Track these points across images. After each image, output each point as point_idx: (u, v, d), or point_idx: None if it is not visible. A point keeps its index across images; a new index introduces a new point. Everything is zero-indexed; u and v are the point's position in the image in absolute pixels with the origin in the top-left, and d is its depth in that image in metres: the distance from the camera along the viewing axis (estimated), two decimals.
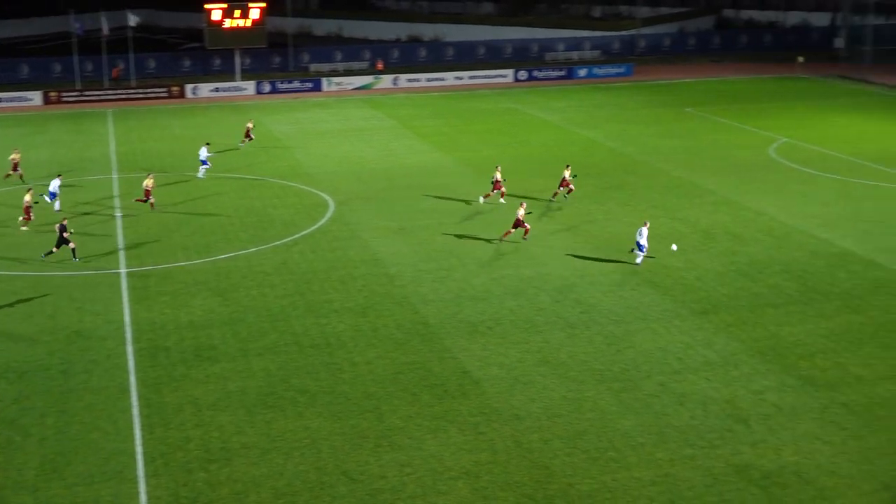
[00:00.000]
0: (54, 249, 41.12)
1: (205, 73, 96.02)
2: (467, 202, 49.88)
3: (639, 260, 40.42)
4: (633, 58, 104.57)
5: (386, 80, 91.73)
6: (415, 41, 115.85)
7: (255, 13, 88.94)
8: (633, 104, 79.84)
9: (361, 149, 63.70)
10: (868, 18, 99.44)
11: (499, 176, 49.55)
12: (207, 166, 56.06)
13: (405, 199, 50.99)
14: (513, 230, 43.36)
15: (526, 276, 39.33)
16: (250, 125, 65.46)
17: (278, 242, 44.07)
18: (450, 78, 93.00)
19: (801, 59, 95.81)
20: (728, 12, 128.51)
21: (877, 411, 28.00)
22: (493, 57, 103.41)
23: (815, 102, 78.63)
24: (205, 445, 26.58)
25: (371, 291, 37.92)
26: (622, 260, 40.90)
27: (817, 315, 34.96)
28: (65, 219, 42.62)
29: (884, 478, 24.67)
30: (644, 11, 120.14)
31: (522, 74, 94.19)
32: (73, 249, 41.26)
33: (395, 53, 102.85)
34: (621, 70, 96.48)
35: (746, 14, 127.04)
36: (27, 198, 45.82)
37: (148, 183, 49.27)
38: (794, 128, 67.99)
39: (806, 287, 37.68)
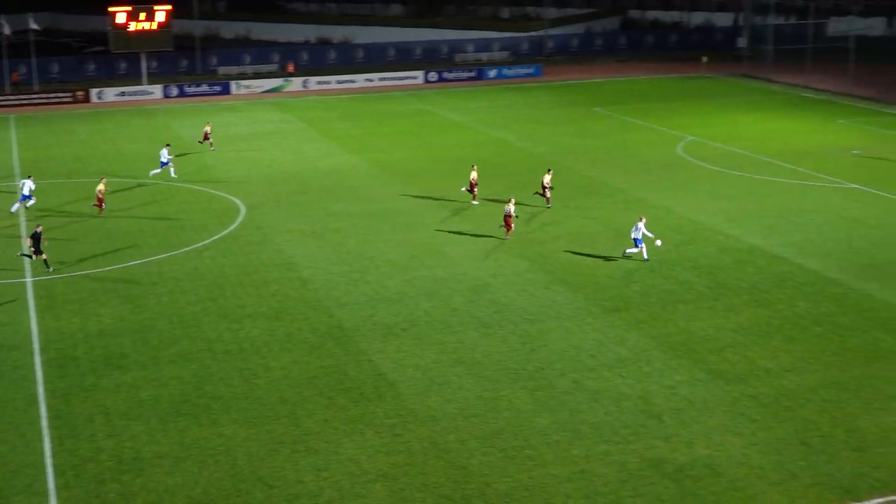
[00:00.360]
0: (38, 256, 40.30)
1: (110, 77, 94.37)
2: (386, 204, 49.85)
3: (644, 254, 40.90)
4: (541, 58, 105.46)
5: (296, 83, 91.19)
6: (324, 43, 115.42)
7: (160, 16, 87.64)
8: (543, 104, 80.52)
9: (272, 152, 63.23)
10: (769, 18, 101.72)
11: (475, 175, 49.75)
12: (168, 166, 55.84)
13: (317, 202, 50.75)
14: (510, 227, 43.89)
15: (440, 276, 39.42)
16: (208, 128, 64.82)
17: (189, 248, 43.52)
18: (360, 80, 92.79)
19: (705, 58, 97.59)
20: (634, 13, 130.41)
21: (784, 402, 28.64)
22: (402, 58, 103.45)
23: (719, 101, 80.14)
24: (117, 456, 26.14)
25: (284, 296, 37.65)
26: (536, 259, 41.21)
27: (726, 310, 35.63)
28: (39, 226, 41.64)
29: (791, 467, 25.23)
30: (551, 12, 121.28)
31: (433, 76, 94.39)
32: (32, 257, 40.57)
33: (305, 56, 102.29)
34: (531, 70, 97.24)
35: (652, 14, 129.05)
36: None
37: (100, 188, 48.75)
38: (701, 126, 69.21)
39: (715, 282, 38.38)
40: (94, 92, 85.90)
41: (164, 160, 55.96)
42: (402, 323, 34.85)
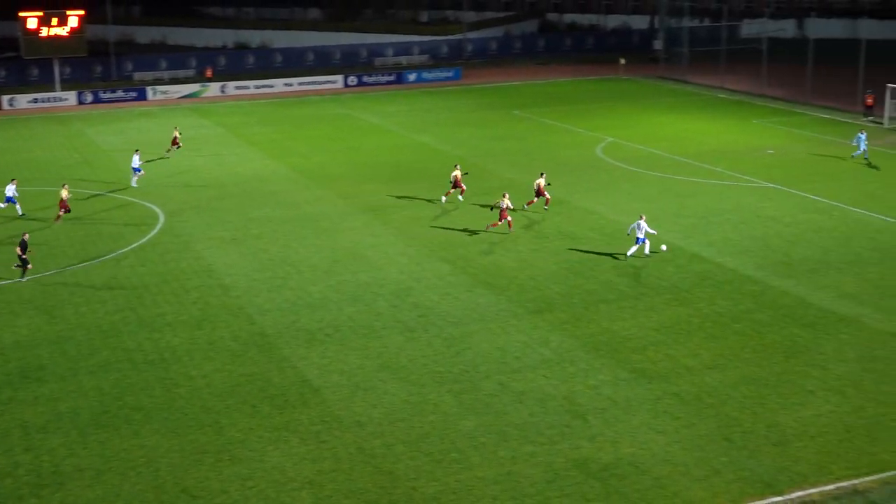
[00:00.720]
0: (30, 266, 39.90)
1: (22, 84, 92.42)
2: (313, 209, 49.57)
3: (645, 250, 41.45)
4: (460, 62, 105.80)
5: (214, 88, 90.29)
6: (242, 48, 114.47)
7: (73, 21, 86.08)
8: (463, 107, 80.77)
9: (190, 158, 62.48)
10: (684, 21, 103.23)
11: (458, 174, 50.05)
12: (141, 174, 55.07)
13: (237, 208, 50.27)
14: (499, 222, 44.65)
15: (363, 281, 39.29)
16: (177, 133, 64.01)
17: (107, 257, 42.80)
18: (279, 84, 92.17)
19: (622, 60, 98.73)
20: (551, 16, 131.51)
21: (706, 399, 29.04)
22: (322, 63, 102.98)
23: (637, 103, 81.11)
24: (35, 470, 25.57)
25: (205, 303, 37.20)
26: (458, 262, 41.29)
27: (648, 309, 36.04)
28: (26, 233, 40.91)
29: (714, 463, 25.59)
30: (470, 16, 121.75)
31: (352, 80, 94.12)
32: (24, 269, 39.83)
33: (222, 60, 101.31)
34: (450, 74, 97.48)
35: (569, 17, 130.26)
36: None
37: (63, 194, 48.18)
38: (619, 128, 69.98)
39: (636, 282, 38.80)
40: (5, 99, 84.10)
41: (136, 166, 55.16)
42: (325, 328, 34.65)
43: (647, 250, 41.61)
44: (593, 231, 45.40)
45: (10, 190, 49.47)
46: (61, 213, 48.07)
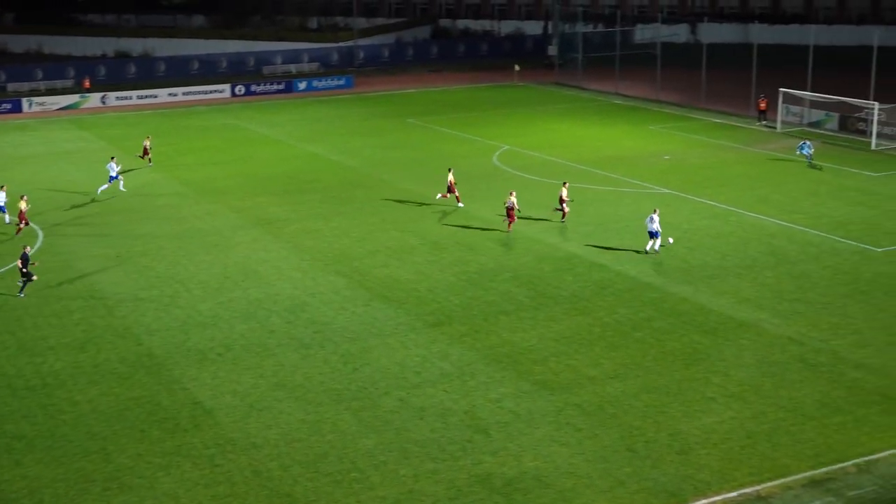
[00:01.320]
0: (34, 277, 39.63)
1: None
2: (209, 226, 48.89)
3: (656, 247, 42.74)
4: (352, 69, 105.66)
5: (94, 99, 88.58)
6: (123, 57, 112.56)
7: None
8: (356, 116, 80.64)
9: (70, 172, 61.17)
10: (577, 26, 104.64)
11: (452, 178, 51.30)
12: (117, 180, 54.76)
13: (122, 224, 49.35)
14: (513, 219, 46.67)
15: (255, 298, 38.90)
16: (147, 143, 63.16)
17: None
18: (163, 94, 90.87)
19: (517, 67, 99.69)
20: (444, 22, 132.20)
21: (608, 409, 29.41)
22: (208, 72, 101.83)
23: (533, 109, 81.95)
24: None
25: (90, 325, 36.41)
26: (353, 275, 41.16)
27: (548, 319, 36.37)
28: (26, 246, 40.26)
29: (618, 474, 25.91)
30: (361, 22, 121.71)
31: (240, 89, 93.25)
32: (25, 283, 39.40)
33: (102, 70, 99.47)
34: (341, 82, 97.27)
35: (462, 23, 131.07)
36: None
37: (22, 205, 47.77)
38: (515, 135, 70.58)
39: (536, 292, 39.14)
40: None
41: (113, 174, 54.40)
42: (217, 348, 34.20)
43: (657, 246, 43.09)
44: (491, 241, 45.67)
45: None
46: (21, 226, 47.37)
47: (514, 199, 46.76)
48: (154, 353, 33.77)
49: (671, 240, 43.72)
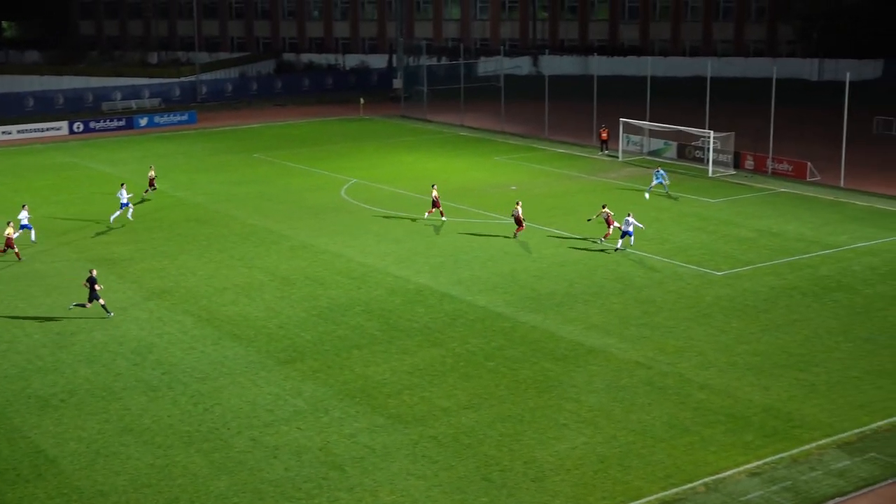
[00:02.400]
0: (95, 302, 40.06)
1: None
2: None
3: (629, 243, 48.13)
4: (195, 104, 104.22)
5: None
6: None
7: None
8: (200, 152, 79.52)
9: None
10: (421, 59, 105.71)
11: (436, 194, 54.71)
12: (127, 207, 55.01)
13: None
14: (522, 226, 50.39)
15: (99, 340, 37.84)
16: (152, 174, 62.16)
17: None
18: None
19: (363, 100, 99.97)
20: (288, 56, 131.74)
21: (463, 440, 29.55)
22: (43, 109, 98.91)
23: (380, 143, 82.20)
24: None
25: None
26: (201, 314, 40.46)
27: (401, 352, 36.39)
28: (93, 270, 40.68)
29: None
30: (203, 57, 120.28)
31: (78, 126, 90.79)
32: (104, 305, 40.39)
33: None
34: (184, 118, 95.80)
35: (306, 57, 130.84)
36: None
37: (9, 231, 48.37)
38: (363, 168, 70.65)
39: (388, 325, 39.13)
40: None
41: (125, 201, 53.66)
42: (59, 393, 33.10)
43: (632, 241, 46.31)
44: (341, 275, 45.53)
45: (24, 216, 51.43)
46: (17, 250, 48.43)
47: (520, 208, 50.87)
48: None
49: (642, 226, 49.17)
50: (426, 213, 55.02)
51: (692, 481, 27.09)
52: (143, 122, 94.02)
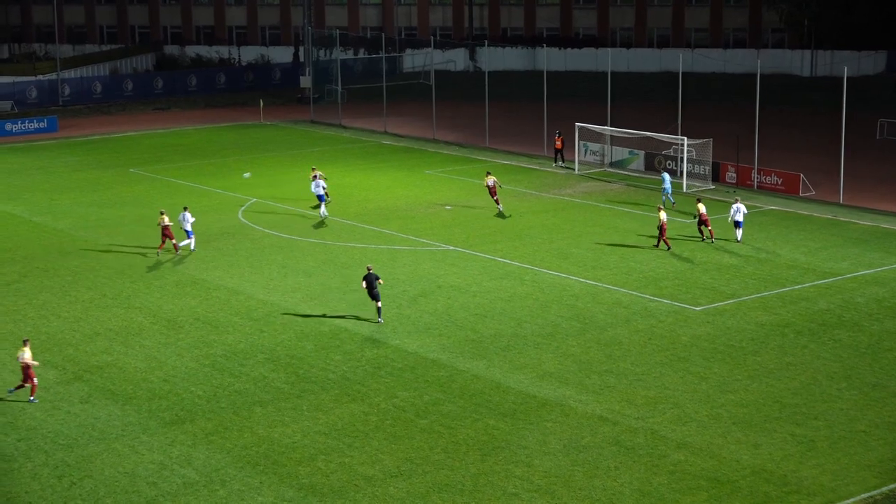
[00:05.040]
0: (379, 304, 44.21)
1: None
2: None
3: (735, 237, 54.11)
4: (56, 108, 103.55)
5: None
6: None
7: None
8: (64, 167, 78.92)
9: None
10: (335, 53, 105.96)
11: (493, 180, 62.10)
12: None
13: None
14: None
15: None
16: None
17: None
18: None
19: (262, 102, 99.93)
20: (170, 49, 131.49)
21: None
22: None
23: (285, 154, 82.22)
24: None
25: None
26: (67, 366, 40.07)
27: (314, 409, 36.31)
28: (370, 266, 44.89)
29: None
30: (65, 50, 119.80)
31: None
32: (379, 308, 44.28)
33: None
34: (43, 125, 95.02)
35: (193, 50, 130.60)
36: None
37: (164, 220, 53.41)
38: (264, 186, 70.55)
39: (297, 377, 39.05)
40: None
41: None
42: None
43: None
44: (239, 316, 45.39)
45: (188, 221, 54.83)
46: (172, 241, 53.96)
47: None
48: None
49: (448, 207, 50.23)
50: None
51: None
52: None
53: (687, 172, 68.70)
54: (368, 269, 44.32)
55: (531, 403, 36.56)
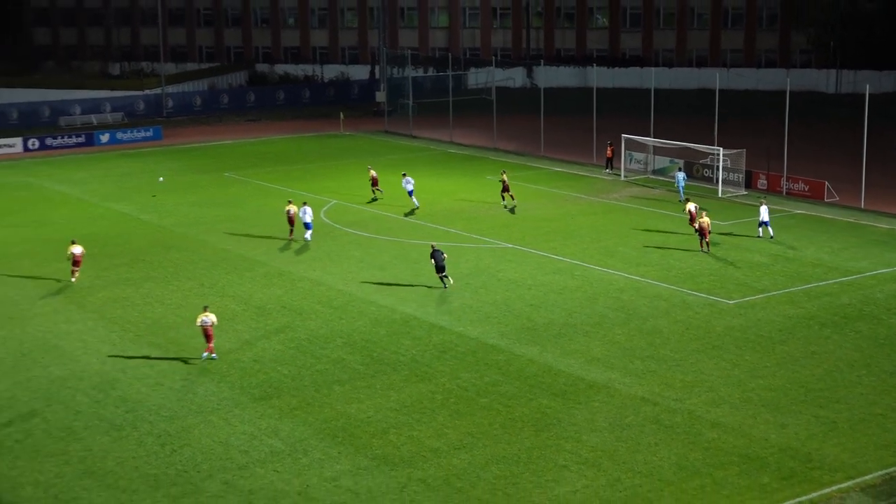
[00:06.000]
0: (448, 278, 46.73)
1: None
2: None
3: (768, 233, 54.67)
4: (161, 119, 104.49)
5: None
6: None
7: None
8: (167, 171, 79.56)
9: None
10: (406, 70, 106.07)
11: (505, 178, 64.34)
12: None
13: None
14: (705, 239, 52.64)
15: (57, 376, 37.77)
16: (373, 173, 67.82)
17: None
18: None
19: (343, 115, 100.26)
20: (261, 67, 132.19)
21: (455, 483, 29.57)
22: None
23: (362, 161, 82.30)
24: None
25: None
26: (169, 347, 40.47)
27: (386, 388, 36.42)
28: (434, 244, 48.00)
29: None
30: (169, 68, 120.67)
31: (33, 143, 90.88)
32: (444, 277, 47.11)
33: None
34: (149, 134, 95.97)
35: (281, 68, 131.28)
36: None
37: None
38: (345, 189, 70.78)
39: (371, 359, 39.18)
40: None
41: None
42: (14, 434, 33.05)
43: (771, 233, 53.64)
44: (320, 304, 45.59)
45: (308, 214, 56.19)
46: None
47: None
48: None
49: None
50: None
51: None
52: (105, 138, 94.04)
53: (722, 179, 68.22)
54: (433, 247, 47.18)
55: (580, 385, 36.46)
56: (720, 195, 66.89)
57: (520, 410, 34.42)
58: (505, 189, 64.02)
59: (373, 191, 67.41)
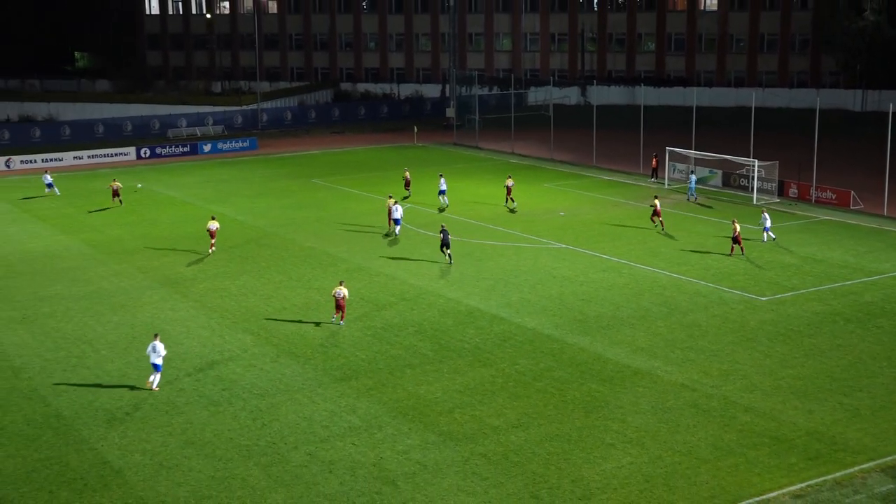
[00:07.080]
0: (449, 252, 49.64)
1: None
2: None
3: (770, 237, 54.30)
4: (256, 132, 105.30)
5: None
6: (27, 121, 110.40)
7: None
8: (260, 177, 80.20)
9: None
10: (473, 89, 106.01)
11: (511, 182, 65.98)
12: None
13: (27, 287, 48.13)
14: (736, 245, 51.72)
15: (163, 356, 38.09)
16: (408, 175, 69.90)
17: None
18: (68, 157, 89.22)
19: (416, 128, 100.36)
20: (345, 85, 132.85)
21: (512, 458, 29.43)
22: (112, 135, 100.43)
23: (432, 169, 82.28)
24: None
25: None
26: (261, 333, 40.73)
27: (452, 372, 36.36)
28: (444, 225, 50.63)
29: None
30: (264, 86, 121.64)
31: (145, 151, 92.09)
32: (450, 255, 49.68)
33: (7, 134, 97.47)
34: (246, 144, 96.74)
35: (362, 87, 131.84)
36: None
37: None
38: (416, 194, 70.76)
39: (439, 346, 39.13)
40: None
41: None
42: (125, 407, 33.44)
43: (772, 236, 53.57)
44: (395, 296, 45.64)
45: (398, 211, 56.58)
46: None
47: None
48: (62, 414, 32.87)
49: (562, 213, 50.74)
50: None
51: (736, 502, 26.78)
52: (207, 148, 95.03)
53: (757, 188, 67.36)
54: (443, 227, 50.32)
55: (626, 372, 36.14)
56: (755, 202, 65.98)
57: (571, 394, 34.19)
58: (508, 193, 65.36)
59: (406, 189, 69.11)
